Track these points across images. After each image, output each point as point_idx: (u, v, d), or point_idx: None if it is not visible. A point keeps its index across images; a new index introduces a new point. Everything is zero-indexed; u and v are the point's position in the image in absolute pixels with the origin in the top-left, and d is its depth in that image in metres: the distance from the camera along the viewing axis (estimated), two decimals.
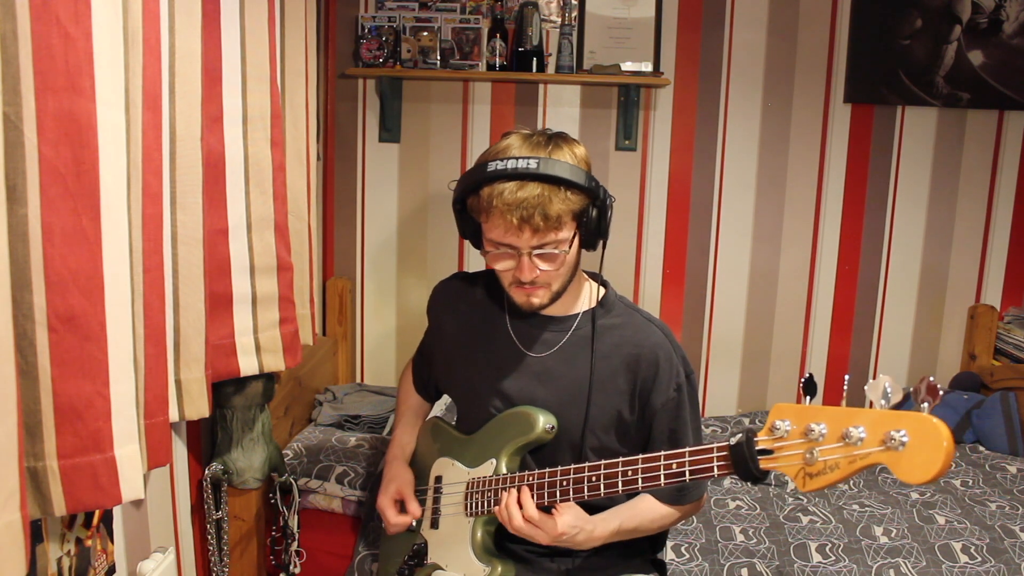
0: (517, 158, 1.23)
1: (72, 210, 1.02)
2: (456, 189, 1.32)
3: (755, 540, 1.94)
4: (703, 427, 2.65)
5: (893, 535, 1.94)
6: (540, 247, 1.26)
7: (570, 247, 1.29)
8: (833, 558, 1.86)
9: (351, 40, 2.68)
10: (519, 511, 1.26)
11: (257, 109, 1.56)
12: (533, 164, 1.22)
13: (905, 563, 1.82)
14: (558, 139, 1.30)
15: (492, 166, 1.24)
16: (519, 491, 1.27)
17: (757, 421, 2.71)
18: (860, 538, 1.93)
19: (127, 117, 1.12)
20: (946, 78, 2.70)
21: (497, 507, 1.30)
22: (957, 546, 1.89)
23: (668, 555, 1.87)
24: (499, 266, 1.32)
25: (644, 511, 1.38)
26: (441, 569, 1.41)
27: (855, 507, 2.08)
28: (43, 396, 1.03)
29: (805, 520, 2.03)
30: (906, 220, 2.82)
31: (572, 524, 1.27)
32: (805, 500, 2.13)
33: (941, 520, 2.01)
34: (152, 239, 1.21)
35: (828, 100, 2.75)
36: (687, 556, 1.88)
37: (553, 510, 1.27)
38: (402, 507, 1.50)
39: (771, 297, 2.86)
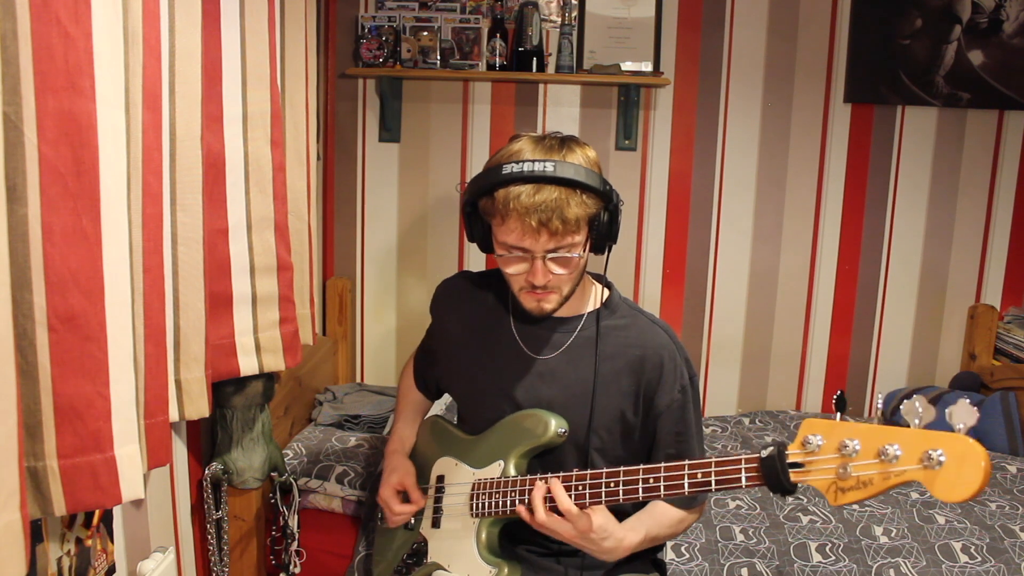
0: (533, 160, 1.22)
1: (72, 210, 1.02)
2: (467, 191, 1.31)
3: (755, 540, 1.94)
4: (705, 427, 2.65)
5: (893, 535, 1.94)
6: (555, 251, 1.26)
7: (583, 251, 1.29)
8: (833, 558, 1.86)
9: (351, 40, 2.68)
10: (544, 505, 1.24)
11: (257, 109, 1.56)
12: (550, 167, 1.21)
13: (905, 563, 1.82)
14: (570, 142, 1.29)
15: (508, 168, 1.22)
16: (549, 484, 1.24)
17: (757, 421, 2.71)
18: (860, 538, 1.93)
19: (127, 117, 1.12)
20: (946, 78, 2.70)
21: (520, 506, 1.28)
22: (957, 546, 1.89)
23: (668, 555, 1.87)
24: (512, 270, 1.31)
25: (662, 518, 1.36)
26: (442, 569, 1.41)
27: (855, 507, 2.08)
28: (43, 396, 1.03)
29: (805, 520, 2.03)
30: (906, 220, 2.82)
31: (603, 526, 1.24)
32: (805, 500, 2.13)
33: (941, 520, 2.02)
34: (152, 239, 1.21)
35: (828, 100, 2.75)
36: (687, 556, 1.88)
37: (587, 509, 1.24)
38: (404, 499, 1.49)
39: (771, 297, 2.87)
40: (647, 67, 2.64)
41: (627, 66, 2.63)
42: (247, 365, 1.61)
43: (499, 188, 1.24)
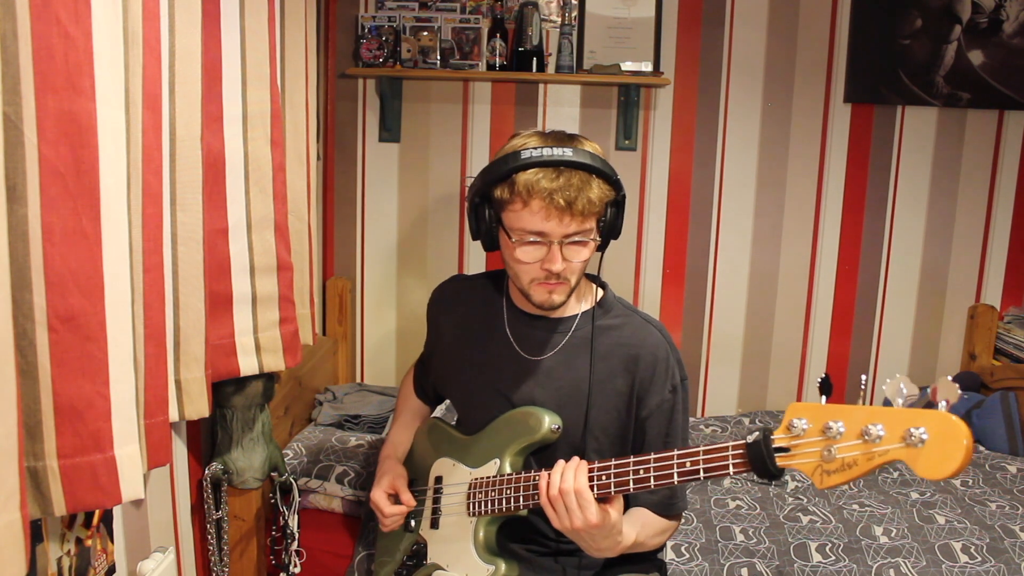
0: (552, 146, 1.24)
1: (72, 210, 1.02)
2: (478, 180, 1.30)
3: (755, 540, 1.94)
4: (704, 427, 2.65)
5: (893, 535, 1.94)
6: (572, 236, 1.26)
7: (597, 237, 1.30)
8: (833, 558, 1.86)
9: (351, 40, 2.68)
10: (573, 475, 1.19)
11: (257, 109, 1.56)
12: (569, 152, 1.23)
13: (905, 563, 1.82)
14: (576, 136, 1.31)
15: (527, 154, 1.23)
16: (576, 468, 1.20)
17: (757, 421, 2.71)
18: (860, 538, 1.93)
19: (127, 117, 1.12)
20: (946, 78, 2.70)
21: (544, 471, 1.24)
22: (957, 546, 1.89)
23: (668, 555, 1.87)
24: (527, 258, 1.29)
25: (649, 527, 1.36)
26: (441, 569, 1.41)
27: (855, 507, 2.08)
28: (43, 396, 1.03)
29: (805, 520, 2.03)
30: (906, 220, 2.82)
31: (614, 523, 1.21)
32: (805, 500, 2.13)
33: (941, 520, 2.02)
34: (152, 239, 1.21)
35: (828, 100, 2.75)
36: (687, 556, 1.88)
37: (607, 502, 1.21)
38: (396, 502, 1.50)
39: (771, 297, 2.87)
40: (647, 67, 2.64)
41: (627, 66, 2.63)
42: (247, 365, 1.61)
43: (517, 176, 1.24)
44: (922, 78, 2.70)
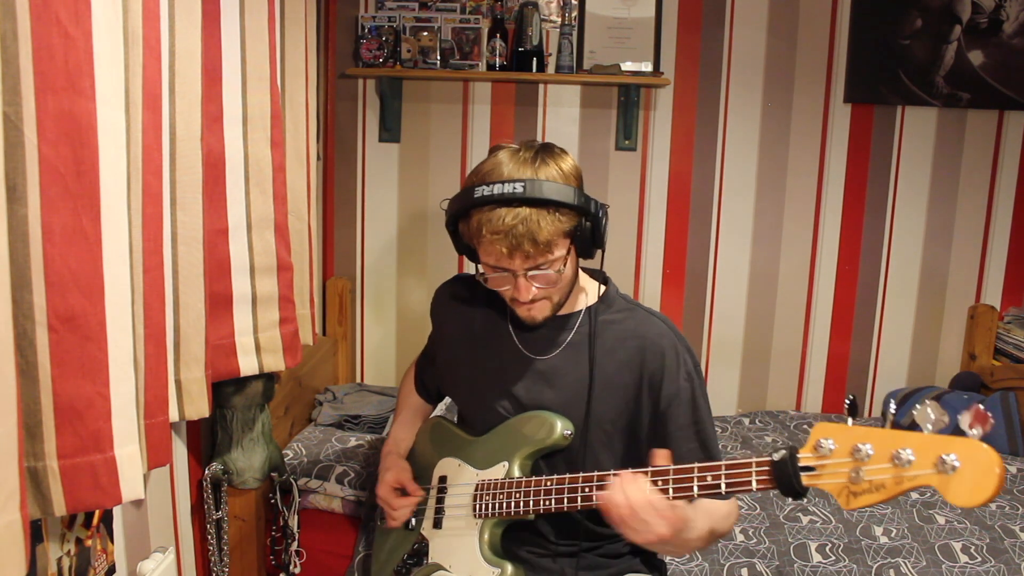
0: (503, 182, 1.22)
1: (72, 210, 1.02)
2: (447, 212, 1.32)
3: (755, 540, 1.94)
4: None
5: (893, 535, 1.94)
6: (534, 268, 1.26)
7: (565, 264, 1.28)
8: (833, 558, 1.86)
9: (351, 40, 2.68)
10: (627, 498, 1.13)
11: (257, 109, 1.56)
12: (519, 188, 1.21)
13: (905, 563, 1.82)
14: (545, 154, 1.28)
15: (479, 191, 1.23)
16: (637, 481, 1.15)
17: (757, 421, 2.71)
18: (860, 538, 1.93)
19: (127, 117, 1.12)
20: (946, 78, 2.70)
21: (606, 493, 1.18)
22: (957, 546, 1.89)
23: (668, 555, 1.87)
24: (497, 286, 1.32)
25: (714, 509, 1.28)
26: (443, 569, 1.41)
27: None
28: (43, 396, 1.03)
29: (805, 520, 2.03)
30: (906, 220, 2.82)
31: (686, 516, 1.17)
32: (805, 500, 2.13)
33: (941, 520, 2.02)
34: (152, 239, 1.21)
35: (828, 100, 2.75)
36: (687, 556, 1.88)
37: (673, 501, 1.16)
38: (403, 495, 1.49)
39: (771, 297, 2.87)
40: (647, 67, 2.64)
41: (627, 66, 2.63)
42: (247, 365, 1.61)
43: (473, 212, 1.25)
44: (922, 78, 2.70)
